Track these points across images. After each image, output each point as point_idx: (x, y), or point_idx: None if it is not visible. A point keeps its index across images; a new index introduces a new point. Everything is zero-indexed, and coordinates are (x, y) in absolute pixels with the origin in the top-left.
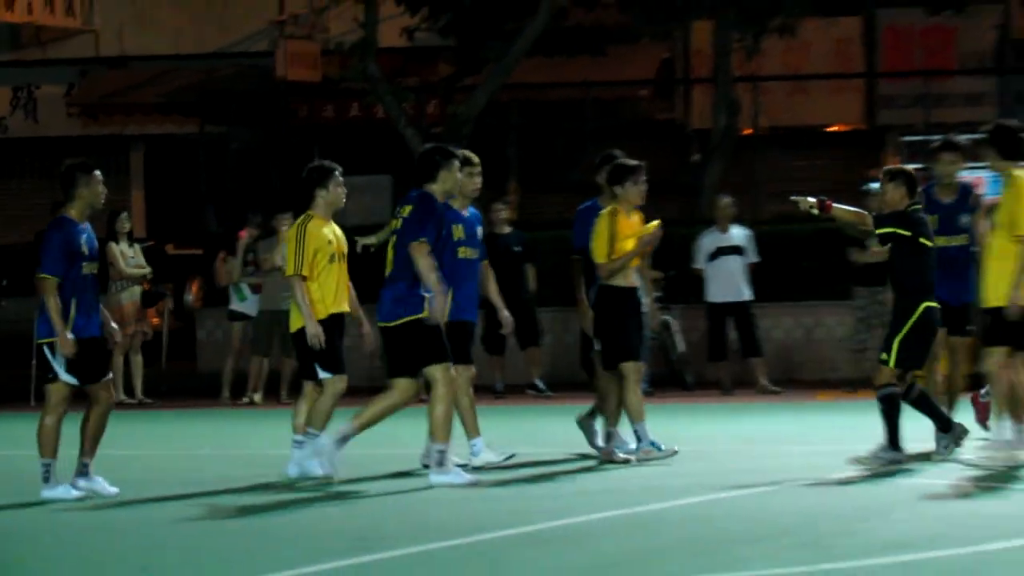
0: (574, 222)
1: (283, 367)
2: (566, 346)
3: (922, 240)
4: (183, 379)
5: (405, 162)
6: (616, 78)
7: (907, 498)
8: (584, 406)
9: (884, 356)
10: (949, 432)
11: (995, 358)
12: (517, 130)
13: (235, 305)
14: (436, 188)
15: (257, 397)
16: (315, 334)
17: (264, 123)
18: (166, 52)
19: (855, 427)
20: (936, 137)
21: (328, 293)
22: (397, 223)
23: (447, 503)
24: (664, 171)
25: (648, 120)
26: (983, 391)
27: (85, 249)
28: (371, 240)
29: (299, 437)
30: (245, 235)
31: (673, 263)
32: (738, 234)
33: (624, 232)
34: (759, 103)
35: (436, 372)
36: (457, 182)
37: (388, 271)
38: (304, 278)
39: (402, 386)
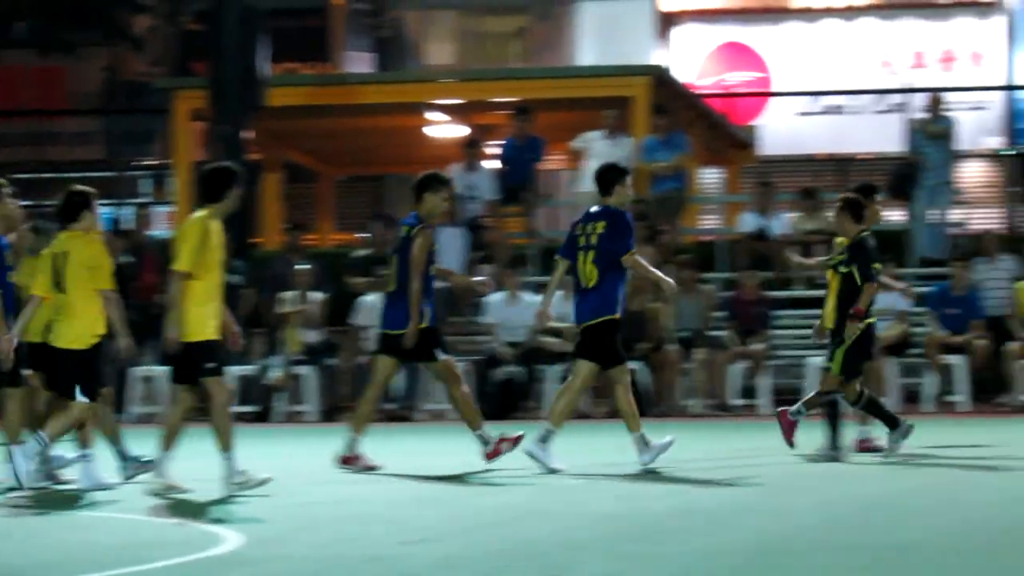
0: None
1: None
2: None
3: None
4: None
5: None
6: None
7: (46, 526)
8: None
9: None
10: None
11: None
12: None
13: None
14: (613, 201)
15: None
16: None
17: None
18: None
19: None
20: (48, 174)
21: None
22: (592, 239)
23: None
24: None
25: None
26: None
27: None
28: None
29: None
30: None
31: None
32: None
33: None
34: None
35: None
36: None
37: (592, 283)
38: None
39: (587, 371)
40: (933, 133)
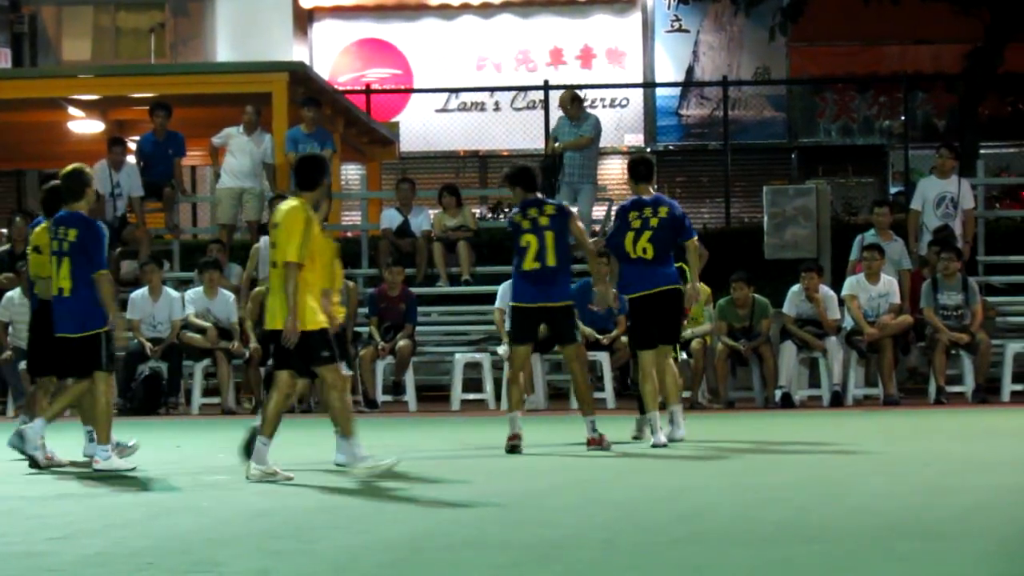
0: None
1: None
2: None
3: None
4: None
5: None
6: None
7: None
8: None
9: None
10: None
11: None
12: None
13: None
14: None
15: None
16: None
17: None
18: None
19: None
20: None
21: None
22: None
23: None
24: None
25: None
26: None
27: None
28: None
29: None
30: None
31: None
32: None
33: None
34: None
35: None
36: None
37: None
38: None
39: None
40: (571, 144)
